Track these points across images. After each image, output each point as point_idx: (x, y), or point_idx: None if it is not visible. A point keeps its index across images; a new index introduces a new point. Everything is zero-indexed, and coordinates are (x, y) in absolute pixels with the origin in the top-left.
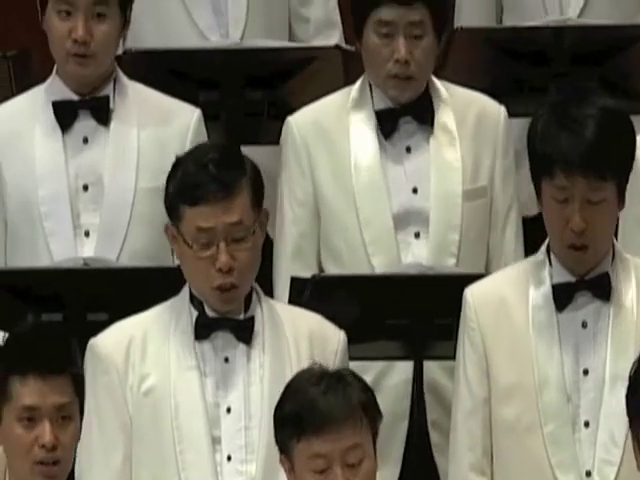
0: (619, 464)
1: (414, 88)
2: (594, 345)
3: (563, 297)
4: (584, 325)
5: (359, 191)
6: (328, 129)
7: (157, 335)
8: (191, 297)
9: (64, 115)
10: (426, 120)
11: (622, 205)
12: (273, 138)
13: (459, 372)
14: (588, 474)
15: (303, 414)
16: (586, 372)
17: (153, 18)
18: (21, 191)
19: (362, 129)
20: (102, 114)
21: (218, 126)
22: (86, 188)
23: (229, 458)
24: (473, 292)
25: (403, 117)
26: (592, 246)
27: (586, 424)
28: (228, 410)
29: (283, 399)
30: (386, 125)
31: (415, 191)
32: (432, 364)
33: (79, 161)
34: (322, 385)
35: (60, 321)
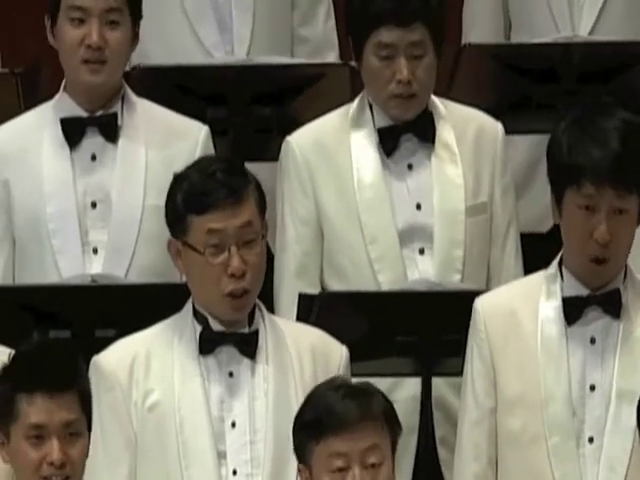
0: None
1: (417, 106)
2: (602, 361)
3: (573, 311)
4: (592, 341)
5: (363, 208)
6: (329, 148)
7: (161, 351)
8: (194, 312)
9: (72, 132)
10: (427, 137)
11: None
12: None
13: (466, 382)
14: None
15: (322, 417)
16: (592, 388)
17: (159, 36)
18: (29, 208)
19: (363, 147)
20: (110, 131)
21: (226, 142)
22: (94, 205)
23: (234, 472)
24: (483, 303)
25: (404, 134)
26: (613, 259)
27: (590, 440)
28: (233, 424)
29: (303, 407)
30: (387, 143)
31: (419, 207)
32: (440, 381)
33: (87, 178)
34: (341, 391)
35: (67, 338)
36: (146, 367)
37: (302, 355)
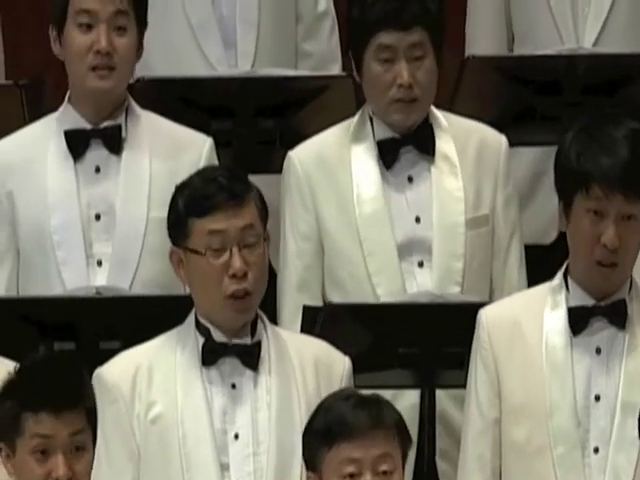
0: None
1: (419, 111)
2: (607, 372)
3: (579, 321)
4: (598, 351)
5: (362, 222)
6: (330, 162)
7: (163, 363)
8: (197, 324)
9: (76, 144)
10: (427, 149)
11: None
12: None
13: (470, 393)
14: None
15: (334, 425)
16: (598, 398)
17: (164, 49)
18: (33, 220)
19: (363, 160)
20: (114, 143)
21: (229, 154)
22: (98, 217)
23: None
24: (487, 313)
25: (404, 147)
26: (621, 264)
27: (595, 450)
28: (236, 436)
29: (314, 417)
30: (387, 155)
31: (418, 220)
32: (441, 393)
33: (91, 190)
34: (352, 401)
35: (72, 350)
36: (148, 379)
37: (305, 366)
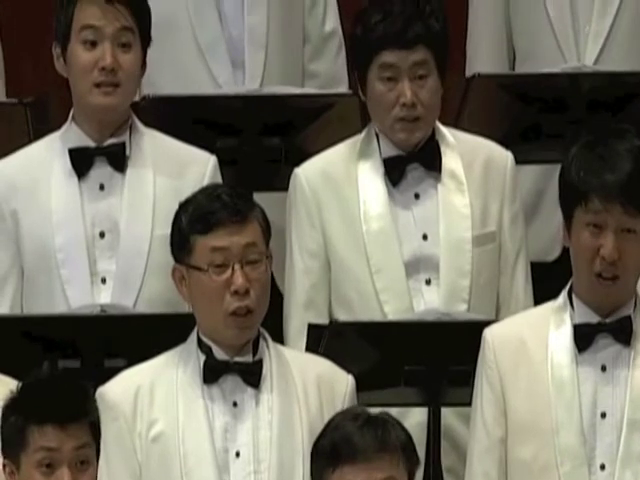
0: None
1: (422, 129)
2: (612, 389)
3: (584, 338)
4: (603, 368)
5: (369, 240)
6: (336, 179)
7: (165, 381)
8: (199, 342)
9: (80, 162)
10: (434, 166)
11: None
12: (289, 185)
13: (476, 411)
14: None
15: (339, 446)
16: (603, 415)
17: (172, 71)
18: (38, 238)
19: (370, 178)
20: (118, 161)
21: (235, 172)
22: (102, 235)
23: None
24: (493, 332)
25: (411, 164)
26: (622, 278)
27: (602, 467)
28: (237, 454)
29: (322, 434)
30: (394, 172)
31: (425, 237)
32: (447, 410)
33: (95, 208)
34: (360, 421)
35: (77, 368)
36: (150, 397)
37: (307, 385)
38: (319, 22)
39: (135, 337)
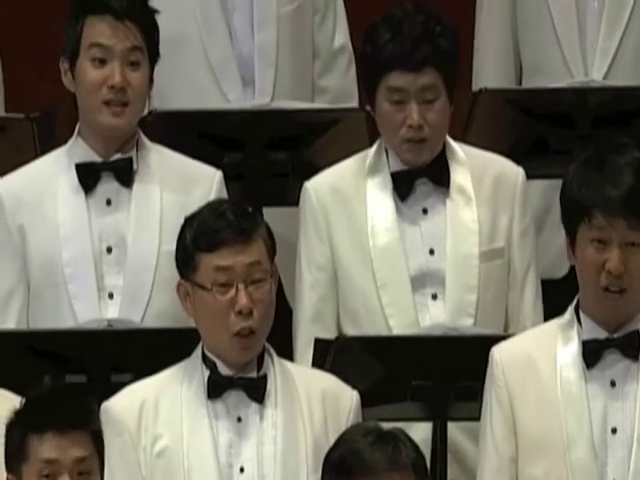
0: None
1: (429, 150)
2: (622, 404)
3: (592, 354)
4: (613, 384)
5: (376, 254)
6: (345, 194)
7: (169, 396)
8: (203, 357)
9: (87, 177)
10: (442, 182)
11: None
12: (296, 200)
13: (486, 430)
14: None
15: (350, 462)
16: (614, 431)
17: (182, 88)
18: (45, 253)
19: (378, 192)
20: (125, 176)
21: (241, 187)
22: (110, 250)
23: None
24: (501, 350)
25: (419, 179)
26: (629, 291)
27: None
28: (241, 470)
29: (333, 447)
30: (402, 187)
31: (432, 252)
32: (452, 425)
33: (102, 223)
34: (371, 437)
35: (83, 383)
36: (155, 412)
37: (312, 400)
38: (328, 38)
39: (141, 352)
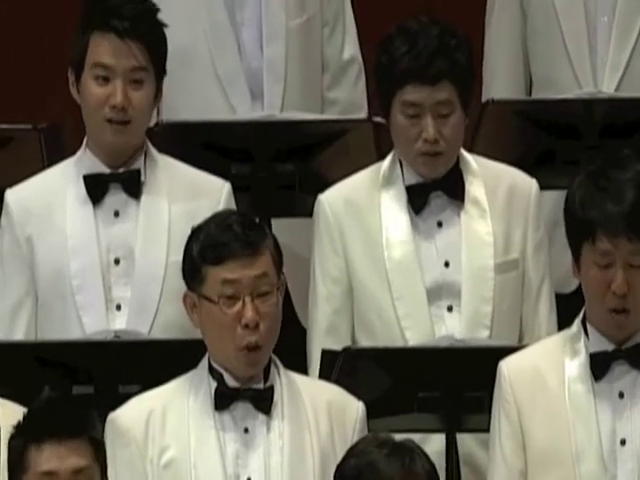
0: None
1: (444, 163)
2: (631, 415)
3: (600, 366)
4: (621, 395)
5: (391, 267)
6: (359, 206)
7: (176, 407)
8: (210, 368)
9: (95, 188)
10: (457, 194)
11: None
12: (304, 211)
13: (494, 444)
14: None
15: (365, 473)
16: (623, 442)
17: (192, 101)
18: (53, 265)
19: (393, 205)
20: (133, 187)
21: (248, 198)
22: (117, 262)
23: None
24: (508, 365)
25: (434, 192)
26: (633, 310)
27: None
28: None
29: (346, 459)
30: (417, 200)
31: (447, 265)
32: (467, 436)
33: (110, 234)
34: (385, 449)
35: (91, 393)
36: (162, 423)
37: (318, 411)
38: (338, 50)
39: (149, 363)
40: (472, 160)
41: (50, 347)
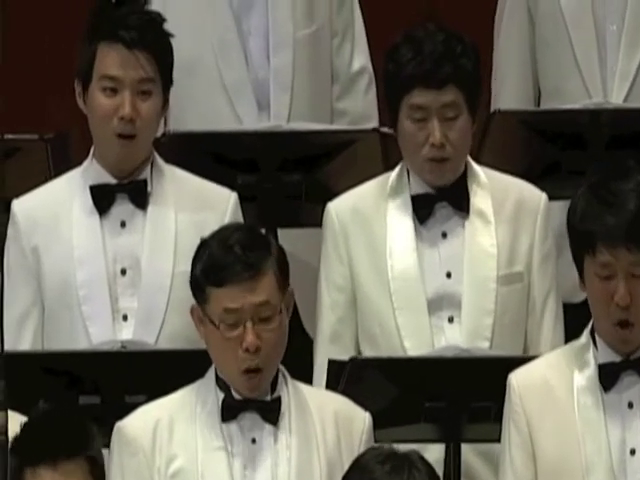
0: None
1: (451, 170)
2: None
3: (609, 377)
4: (630, 405)
5: (394, 276)
6: (366, 215)
7: (184, 417)
8: (217, 379)
9: (102, 199)
10: (462, 205)
11: None
12: (310, 221)
13: (505, 456)
14: None
15: None
16: (633, 452)
17: (198, 111)
18: (59, 275)
19: (399, 215)
20: (140, 198)
21: (255, 208)
22: (124, 272)
23: None
24: (518, 377)
25: (439, 202)
26: (637, 323)
27: None
28: None
29: (349, 474)
30: (422, 210)
31: (449, 276)
32: (467, 448)
33: (117, 245)
34: (388, 465)
35: (97, 404)
36: (169, 433)
37: (325, 422)
38: (347, 61)
39: (156, 373)
40: (481, 172)
41: (57, 357)
